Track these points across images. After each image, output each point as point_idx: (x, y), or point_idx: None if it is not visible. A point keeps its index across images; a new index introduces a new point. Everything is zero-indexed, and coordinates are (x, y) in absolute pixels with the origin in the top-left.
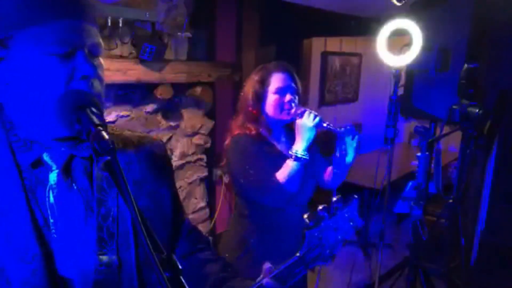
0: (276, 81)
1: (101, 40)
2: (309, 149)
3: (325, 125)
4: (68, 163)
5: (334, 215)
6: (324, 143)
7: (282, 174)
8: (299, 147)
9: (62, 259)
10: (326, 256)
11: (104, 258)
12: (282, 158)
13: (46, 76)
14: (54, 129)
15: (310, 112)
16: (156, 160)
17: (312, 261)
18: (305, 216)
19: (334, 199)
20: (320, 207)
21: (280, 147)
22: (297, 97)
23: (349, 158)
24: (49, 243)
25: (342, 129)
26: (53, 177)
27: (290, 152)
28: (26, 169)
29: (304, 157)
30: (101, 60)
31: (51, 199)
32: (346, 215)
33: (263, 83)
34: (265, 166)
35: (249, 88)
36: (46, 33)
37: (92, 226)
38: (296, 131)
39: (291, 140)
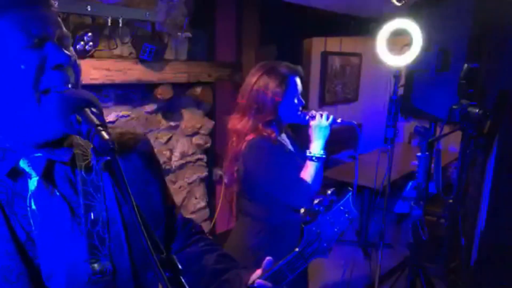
0: (293, 85)
1: (67, 32)
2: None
3: (339, 121)
4: (49, 169)
5: (329, 208)
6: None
7: (307, 175)
8: (317, 147)
9: (50, 270)
10: (323, 249)
11: (97, 266)
12: (295, 157)
13: (15, 68)
14: (31, 132)
15: (322, 113)
16: (141, 157)
17: (311, 255)
18: (302, 211)
19: (329, 192)
20: (316, 201)
21: (291, 148)
22: None
23: None
24: (35, 257)
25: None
26: (33, 184)
27: (308, 154)
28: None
29: (322, 156)
30: (73, 52)
31: (33, 206)
32: (342, 208)
33: (284, 87)
34: (286, 167)
35: (262, 89)
36: (11, 23)
37: (80, 233)
38: (312, 133)
39: (292, 139)
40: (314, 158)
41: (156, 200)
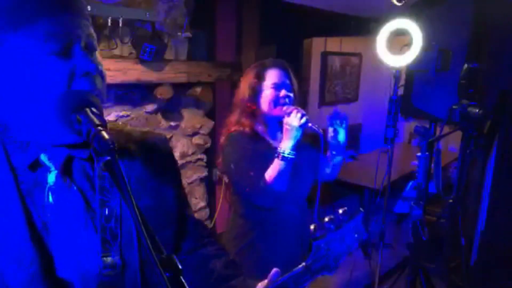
0: (271, 76)
1: (94, 33)
2: (298, 147)
3: (310, 125)
4: (68, 164)
5: (340, 227)
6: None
7: (269, 174)
8: (286, 146)
9: (62, 261)
10: (331, 266)
11: (108, 260)
12: (274, 154)
13: (46, 75)
14: (54, 132)
15: (298, 111)
16: (159, 156)
17: (317, 271)
18: (312, 227)
19: (340, 211)
20: (327, 219)
21: (275, 144)
22: (292, 95)
23: (341, 137)
24: (48, 246)
25: (331, 128)
26: (51, 177)
27: (277, 151)
28: (23, 172)
29: (290, 156)
30: (99, 55)
31: (50, 199)
32: (352, 227)
33: (259, 78)
34: (258, 164)
35: (245, 83)
36: (37, 31)
37: (93, 227)
38: (283, 130)
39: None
40: (279, 156)
41: (170, 199)
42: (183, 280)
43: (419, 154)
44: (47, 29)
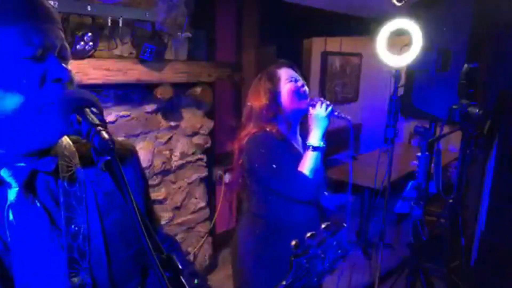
0: (285, 73)
1: (67, 45)
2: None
3: (336, 113)
4: (31, 180)
5: (322, 243)
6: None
7: (305, 166)
8: (315, 136)
9: (25, 282)
10: (314, 284)
11: (76, 280)
12: (300, 155)
13: (16, 78)
14: (21, 141)
15: (322, 102)
16: (127, 168)
17: None
18: (293, 243)
19: (323, 226)
20: (308, 235)
21: (297, 145)
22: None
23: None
24: (10, 268)
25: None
26: (12, 194)
27: (307, 143)
28: None
29: (320, 146)
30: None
31: (11, 217)
32: (334, 243)
33: (274, 80)
34: (288, 162)
35: (258, 92)
36: (13, 36)
37: (59, 246)
38: (310, 122)
39: (305, 137)
40: (311, 147)
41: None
42: (183, 280)
43: (419, 154)
44: (24, 35)
